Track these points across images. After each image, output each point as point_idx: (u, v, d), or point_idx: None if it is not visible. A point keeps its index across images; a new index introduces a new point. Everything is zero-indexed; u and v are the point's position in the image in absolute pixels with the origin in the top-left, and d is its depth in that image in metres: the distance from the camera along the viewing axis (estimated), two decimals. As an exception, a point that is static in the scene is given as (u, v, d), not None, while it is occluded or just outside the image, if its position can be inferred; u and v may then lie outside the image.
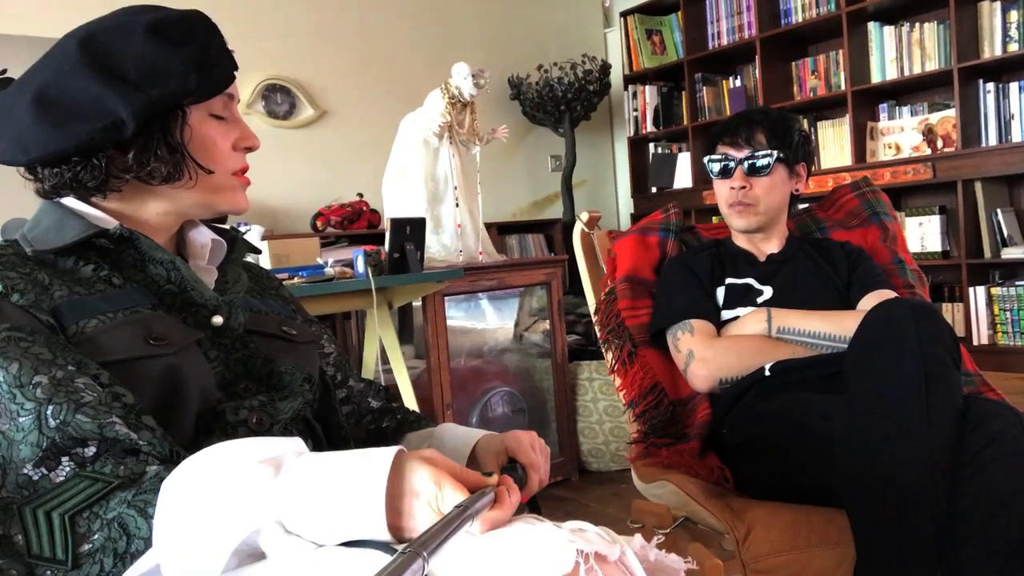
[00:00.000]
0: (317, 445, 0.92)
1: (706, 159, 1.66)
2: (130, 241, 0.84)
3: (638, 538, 0.64)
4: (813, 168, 1.81)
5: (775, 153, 1.59)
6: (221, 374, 0.84)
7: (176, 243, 0.95)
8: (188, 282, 0.86)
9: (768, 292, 1.59)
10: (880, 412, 1.13)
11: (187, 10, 0.87)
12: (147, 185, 0.85)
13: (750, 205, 1.62)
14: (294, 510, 0.65)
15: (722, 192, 1.65)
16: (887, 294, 1.54)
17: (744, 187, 1.60)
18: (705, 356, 1.52)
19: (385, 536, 0.65)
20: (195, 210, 0.91)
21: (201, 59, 0.83)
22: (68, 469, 0.68)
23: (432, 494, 0.65)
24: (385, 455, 0.67)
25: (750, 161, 1.59)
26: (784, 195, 1.64)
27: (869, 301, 1.52)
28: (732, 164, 1.61)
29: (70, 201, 0.86)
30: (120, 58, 0.81)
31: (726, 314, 1.60)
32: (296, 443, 0.71)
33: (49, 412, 0.68)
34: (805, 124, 3.89)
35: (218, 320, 0.87)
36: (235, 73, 0.89)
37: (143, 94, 0.80)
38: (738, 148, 1.61)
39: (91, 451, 0.69)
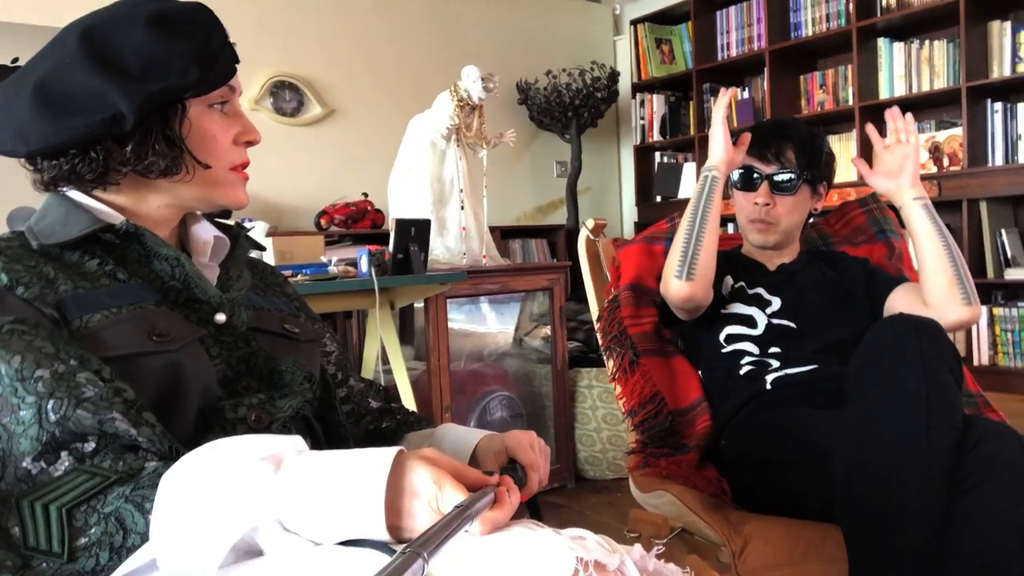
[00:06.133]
0: (316, 444, 0.92)
1: None
2: (136, 236, 0.84)
3: (637, 548, 0.63)
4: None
5: (803, 173, 1.57)
6: (223, 371, 0.84)
7: (179, 237, 0.95)
8: (192, 279, 0.85)
9: (776, 303, 1.58)
10: (879, 428, 1.13)
11: (189, 2, 0.86)
12: (145, 179, 0.85)
13: (771, 224, 1.59)
14: (293, 508, 0.65)
15: (743, 204, 1.62)
16: (915, 286, 1.52)
17: (768, 204, 1.58)
18: (662, 281, 1.54)
19: (384, 536, 0.65)
20: (194, 204, 0.91)
21: (202, 52, 0.83)
22: (67, 463, 0.68)
23: (432, 494, 0.65)
24: (385, 455, 0.67)
25: (777, 178, 1.57)
26: (804, 213, 1.63)
27: (901, 292, 1.53)
28: (758, 178, 1.58)
29: (76, 194, 0.86)
30: (120, 51, 0.81)
31: (731, 308, 1.59)
32: (296, 441, 0.71)
33: (50, 406, 0.68)
34: (812, 138, 3.88)
35: (221, 318, 0.86)
36: (237, 66, 0.88)
37: (143, 87, 0.79)
38: (766, 163, 1.57)
39: (91, 446, 0.69)
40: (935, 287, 1.42)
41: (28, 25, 2.89)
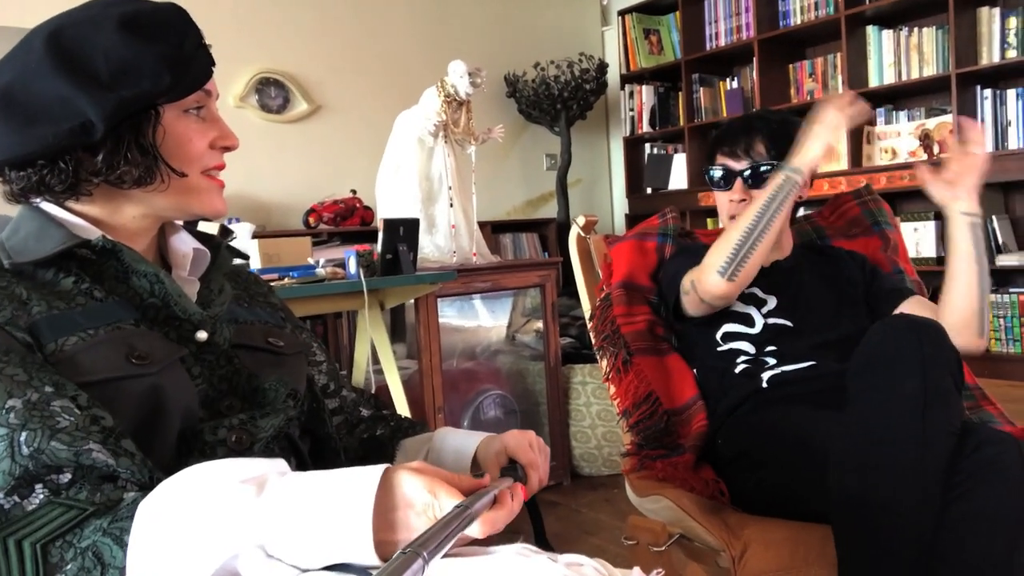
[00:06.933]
0: (300, 464, 0.89)
1: (706, 168, 1.63)
2: (113, 252, 0.81)
3: (636, 572, 0.61)
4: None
5: (775, 164, 1.55)
6: (204, 392, 0.81)
7: (158, 249, 0.92)
8: (171, 296, 0.82)
9: (772, 302, 1.56)
10: (875, 432, 1.11)
11: (162, 3, 0.83)
12: (118, 189, 0.82)
13: None
14: (276, 532, 0.63)
15: (723, 202, 1.61)
16: (925, 302, 1.51)
17: (744, 200, 1.56)
18: (699, 270, 1.49)
19: (371, 559, 0.62)
20: (170, 213, 0.88)
21: (175, 57, 0.79)
22: (42, 496, 0.65)
23: (428, 502, 0.64)
24: (372, 473, 0.64)
25: (750, 172, 1.56)
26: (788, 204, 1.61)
27: (910, 306, 1.51)
28: (731, 176, 1.57)
29: (49, 207, 0.83)
30: (90, 55, 0.77)
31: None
32: (279, 463, 0.69)
33: (23, 439, 0.65)
34: (802, 127, 3.86)
35: (202, 335, 0.83)
36: (212, 69, 0.85)
37: (113, 95, 0.76)
38: (737, 159, 1.56)
39: (66, 477, 0.66)
40: (956, 312, 1.42)
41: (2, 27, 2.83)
